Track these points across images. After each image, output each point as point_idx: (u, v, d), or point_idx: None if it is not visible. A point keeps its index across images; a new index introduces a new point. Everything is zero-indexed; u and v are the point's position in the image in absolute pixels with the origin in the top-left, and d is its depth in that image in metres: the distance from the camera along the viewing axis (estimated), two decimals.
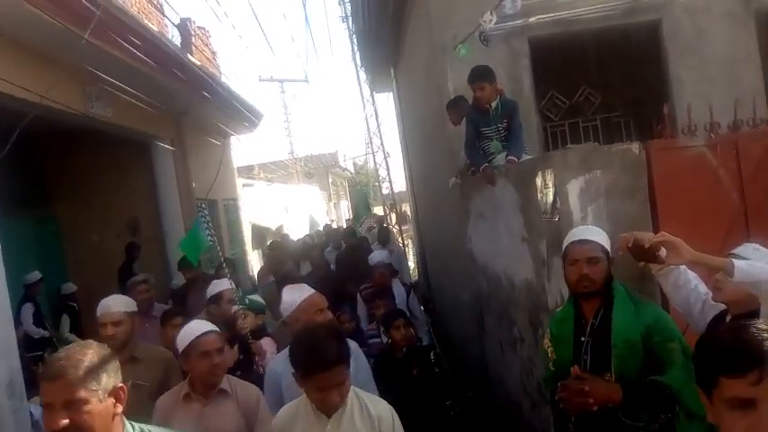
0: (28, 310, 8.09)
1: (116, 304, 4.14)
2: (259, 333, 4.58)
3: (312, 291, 3.71)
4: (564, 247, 2.80)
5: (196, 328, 3.39)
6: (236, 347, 4.33)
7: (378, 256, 6.62)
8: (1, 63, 5.60)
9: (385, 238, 10.61)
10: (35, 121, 5.79)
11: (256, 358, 4.30)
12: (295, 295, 3.67)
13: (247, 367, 4.19)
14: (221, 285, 4.87)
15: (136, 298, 5.27)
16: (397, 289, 6.38)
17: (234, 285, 4.86)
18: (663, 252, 2.52)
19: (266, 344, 4.42)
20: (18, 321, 7.50)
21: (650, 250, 2.53)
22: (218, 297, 4.78)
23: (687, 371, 2.36)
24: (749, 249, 2.65)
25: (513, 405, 5.04)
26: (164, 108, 9.42)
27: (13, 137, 5.59)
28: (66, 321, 8.77)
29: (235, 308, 4.51)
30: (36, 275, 8.43)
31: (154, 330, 5.12)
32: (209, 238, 4.82)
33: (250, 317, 4.57)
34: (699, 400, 2.28)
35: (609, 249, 2.72)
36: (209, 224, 4.82)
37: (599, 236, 2.74)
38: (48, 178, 10.40)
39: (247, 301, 4.69)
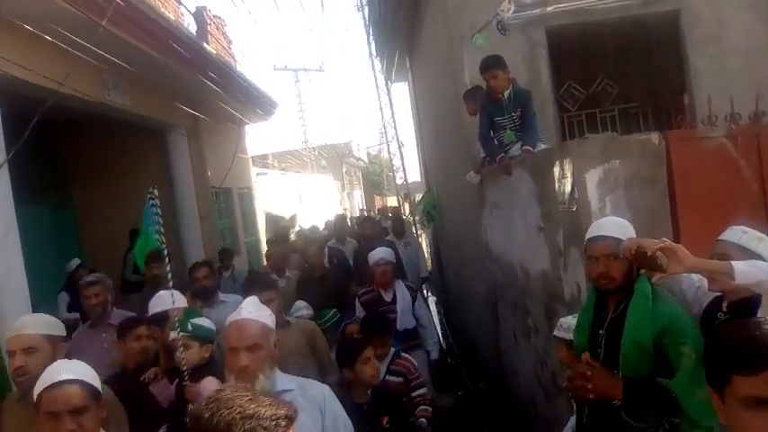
0: (62, 298, 8.01)
1: (31, 325, 3.19)
2: (205, 369, 3.39)
3: (252, 311, 2.55)
4: (585, 241, 2.76)
5: (57, 370, 2.41)
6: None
7: (379, 252, 5.60)
8: (20, 50, 5.63)
9: (400, 230, 9.74)
10: (52, 108, 5.81)
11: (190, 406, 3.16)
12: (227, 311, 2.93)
13: (178, 417, 3.06)
14: (165, 301, 3.75)
15: (86, 303, 4.71)
16: (401, 292, 5.53)
17: (181, 301, 3.94)
18: (663, 260, 2.42)
19: (209, 385, 3.13)
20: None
21: (652, 258, 2.40)
22: (160, 318, 3.77)
23: (694, 378, 2.29)
24: (737, 233, 2.61)
25: (527, 396, 5.04)
26: (179, 96, 9.45)
27: (32, 124, 5.63)
28: (63, 300, 8.12)
29: (173, 335, 3.44)
30: (75, 262, 8.33)
31: (110, 343, 4.23)
32: (157, 236, 3.55)
33: (194, 348, 3.48)
34: (702, 409, 2.24)
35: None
36: (159, 215, 3.60)
37: (619, 230, 2.64)
38: (64, 165, 10.48)
39: (190, 326, 3.52)
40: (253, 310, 2.50)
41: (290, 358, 3.61)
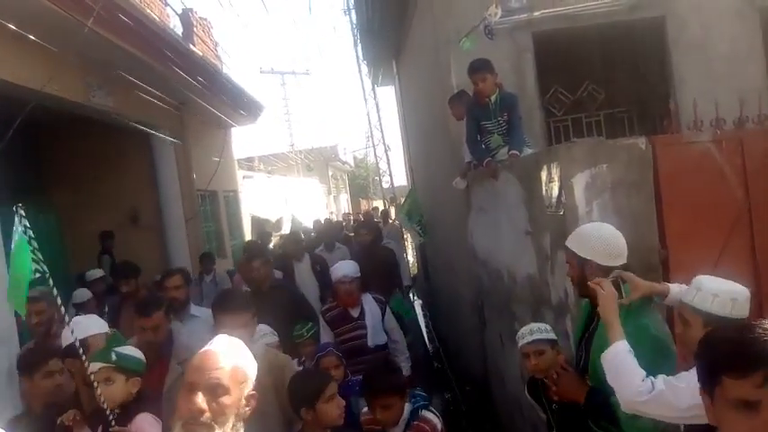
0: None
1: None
2: (134, 407, 2.92)
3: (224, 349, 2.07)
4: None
5: None
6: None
7: (341, 268, 5.06)
8: (5, 51, 5.58)
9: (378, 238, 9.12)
10: (35, 110, 5.78)
11: None
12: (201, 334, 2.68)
13: None
14: (88, 327, 3.31)
15: (27, 321, 4.45)
16: (369, 306, 5.04)
17: (101, 326, 3.48)
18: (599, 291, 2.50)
19: (143, 425, 2.81)
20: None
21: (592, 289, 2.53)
22: (76, 349, 2.91)
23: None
24: (692, 292, 2.45)
25: (513, 399, 5.04)
26: (165, 98, 9.40)
27: (15, 125, 5.57)
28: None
29: (94, 367, 2.85)
30: (97, 273, 7.72)
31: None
32: (34, 265, 2.76)
33: (118, 383, 2.91)
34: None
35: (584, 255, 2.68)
36: (32, 238, 2.79)
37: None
38: (47, 167, 10.38)
39: (114, 356, 2.92)
40: (225, 348, 1.89)
41: None
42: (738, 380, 1.42)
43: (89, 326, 3.29)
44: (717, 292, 2.25)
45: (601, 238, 2.65)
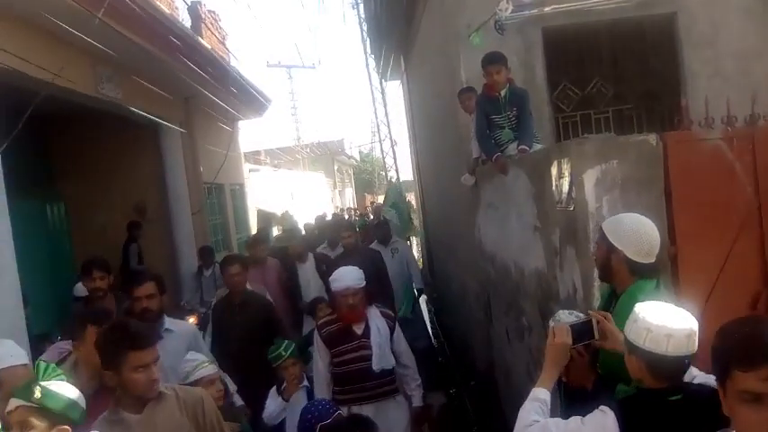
0: None
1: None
2: None
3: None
4: None
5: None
6: None
7: (343, 278, 4.23)
8: (16, 41, 5.59)
9: (385, 234, 8.38)
10: (44, 101, 5.78)
11: None
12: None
13: None
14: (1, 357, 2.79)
15: None
16: (376, 323, 4.29)
17: (20, 357, 2.88)
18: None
19: None
20: None
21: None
22: None
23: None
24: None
25: (519, 394, 5.05)
26: (173, 91, 9.41)
27: (24, 117, 5.59)
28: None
29: (11, 404, 2.25)
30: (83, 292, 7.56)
31: None
32: None
33: (38, 430, 2.22)
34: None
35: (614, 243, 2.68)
36: None
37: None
38: (56, 159, 10.42)
39: (38, 393, 2.23)
40: None
41: None
42: (747, 372, 1.43)
43: (2, 356, 2.68)
44: (650, 327, 2.07)
45: (636, 232, 2.63)
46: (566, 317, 2.94)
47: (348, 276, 4.21)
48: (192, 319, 7.44)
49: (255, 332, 4.97)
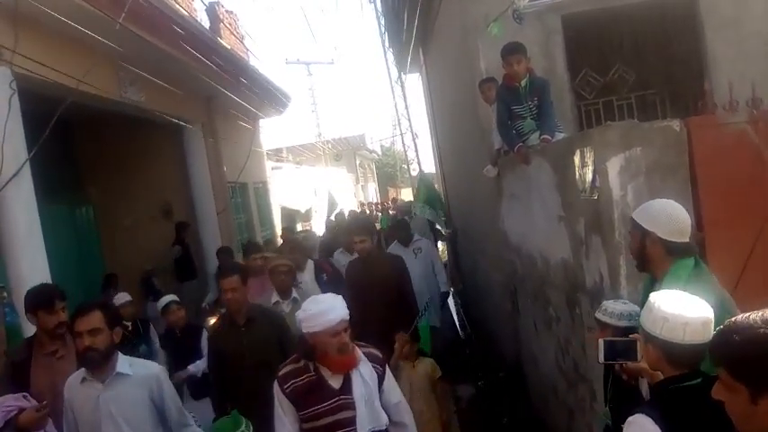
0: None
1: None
2: None
3: None
4: None
5: None
6: None
7: (316, 314, 3.00)
8: (40, 49, 5.69)
9: (406, 235, 7.68)
10: (70, 107, 5.88)
11: None
12: None
13: None
14: None
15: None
16: (359, 371, 3.09)
17: None
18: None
19: None
20: None
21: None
22: None
23: None
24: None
25: (548, 384, 5.05)
26: (195, 92, 9.49)
27: (52, 123, 5.69)
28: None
29: None
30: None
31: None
32: None
33: None
34: None
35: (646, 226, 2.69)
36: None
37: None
38: (82, 163, 10.58)
39: None
40: None
41: None
42: None
43: None
44: (666, 316, 2.09)
45: (665, 212, 2.68)
46: (612, 306, 2.92)
47: (335, 305, 3.03)
48: (213, 321, 7.55)
49: (267, 358, 3.93)
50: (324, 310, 2.98)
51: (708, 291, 2.38)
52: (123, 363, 3.24)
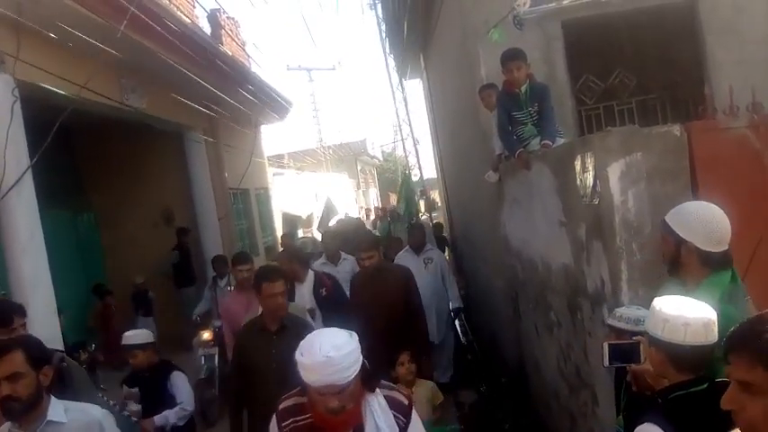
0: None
1: None
2: None
3: None
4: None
5: None
6: None
7: (317, 352, 2.30)
8: (42, 57, 5.72)
9: (420, 241, 7.25)
10: (72, 114, 5.91)
11: None
12: None
13: None
14: None
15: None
16: (374, 420, 2.49)
17: None
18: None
19: None
20: None
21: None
22: None
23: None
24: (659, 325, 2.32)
25: (550, 389, 5.04)
26: (196, 99, 9.53)
27: (54, 130, 5.71)
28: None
29: None
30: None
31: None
32: None
33: None
34: None
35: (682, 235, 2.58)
36: None
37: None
38: (84, 170, 10.63)
39: None
40: None
41: None
42: None
43: None
44: (667, 317, 2.09)
45: (703, 220, 2.54)
46: (626, 312, 2.88)
47: (328, 369, 2.28)
48: (206, 335, 7.36)
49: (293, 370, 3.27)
50: (312, 367, 2.30)
51: (741, 312, 2.30)
52: (56, 408, 2.64)
